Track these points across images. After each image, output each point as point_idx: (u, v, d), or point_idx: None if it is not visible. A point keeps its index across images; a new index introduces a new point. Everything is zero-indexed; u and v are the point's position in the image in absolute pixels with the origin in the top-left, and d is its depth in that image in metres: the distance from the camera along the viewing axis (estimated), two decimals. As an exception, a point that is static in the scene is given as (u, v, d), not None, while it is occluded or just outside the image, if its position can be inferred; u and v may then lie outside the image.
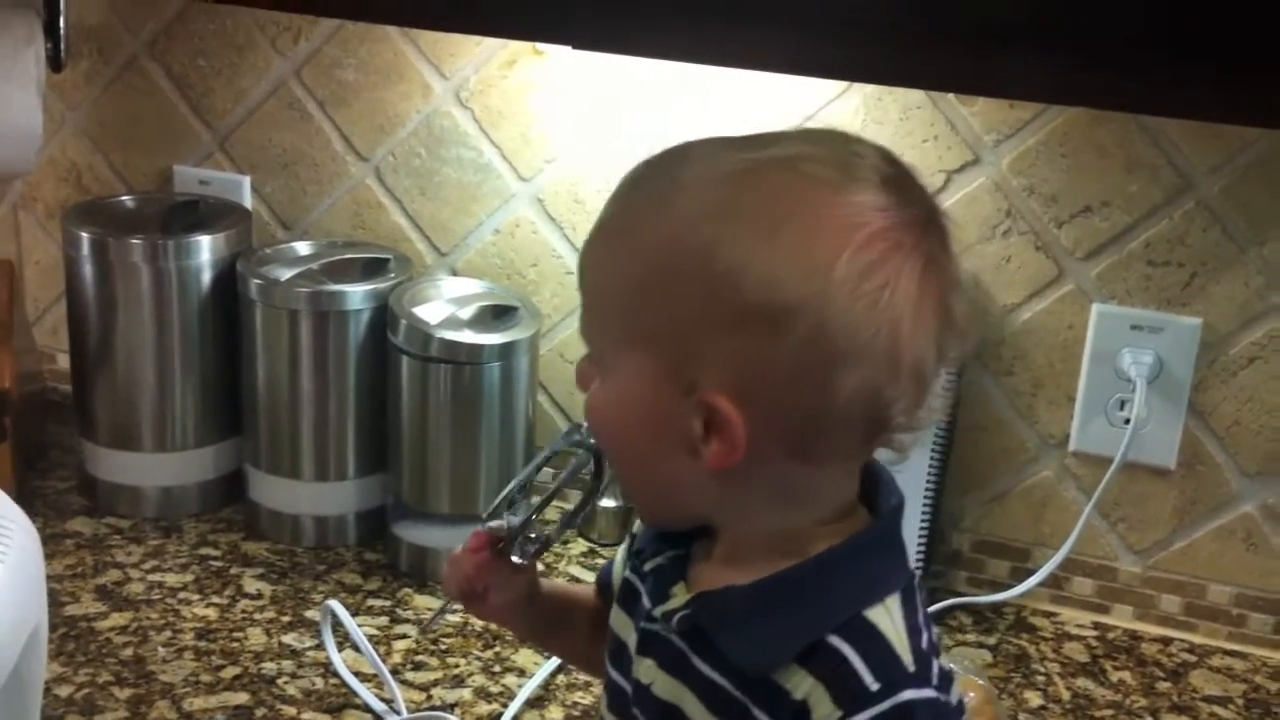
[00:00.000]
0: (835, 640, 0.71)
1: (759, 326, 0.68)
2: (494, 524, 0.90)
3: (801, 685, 0.71)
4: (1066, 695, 1.20)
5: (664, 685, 0.77)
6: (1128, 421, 1.26)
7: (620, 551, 0.89)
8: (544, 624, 0.93)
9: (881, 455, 0.77)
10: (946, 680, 0.74)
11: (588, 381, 0.78)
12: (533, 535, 0.89)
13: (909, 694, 0.70)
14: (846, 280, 0.68)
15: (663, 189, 0.73)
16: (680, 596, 0.78)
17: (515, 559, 0.88)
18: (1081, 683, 1.22)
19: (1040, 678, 1.23)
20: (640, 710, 0.79)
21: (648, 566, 0.80)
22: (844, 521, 0.76)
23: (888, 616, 0.72)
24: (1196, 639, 1.29)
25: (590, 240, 0.76)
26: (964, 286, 0.73)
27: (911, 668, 0.71)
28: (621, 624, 0.83)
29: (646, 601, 0.80)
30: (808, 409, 0.70)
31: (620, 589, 0.84)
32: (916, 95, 1.26)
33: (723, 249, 0.69)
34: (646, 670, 0.78)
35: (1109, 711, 1.19)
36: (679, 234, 0.70)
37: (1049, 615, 1.32)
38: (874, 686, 0.70)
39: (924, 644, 0.73)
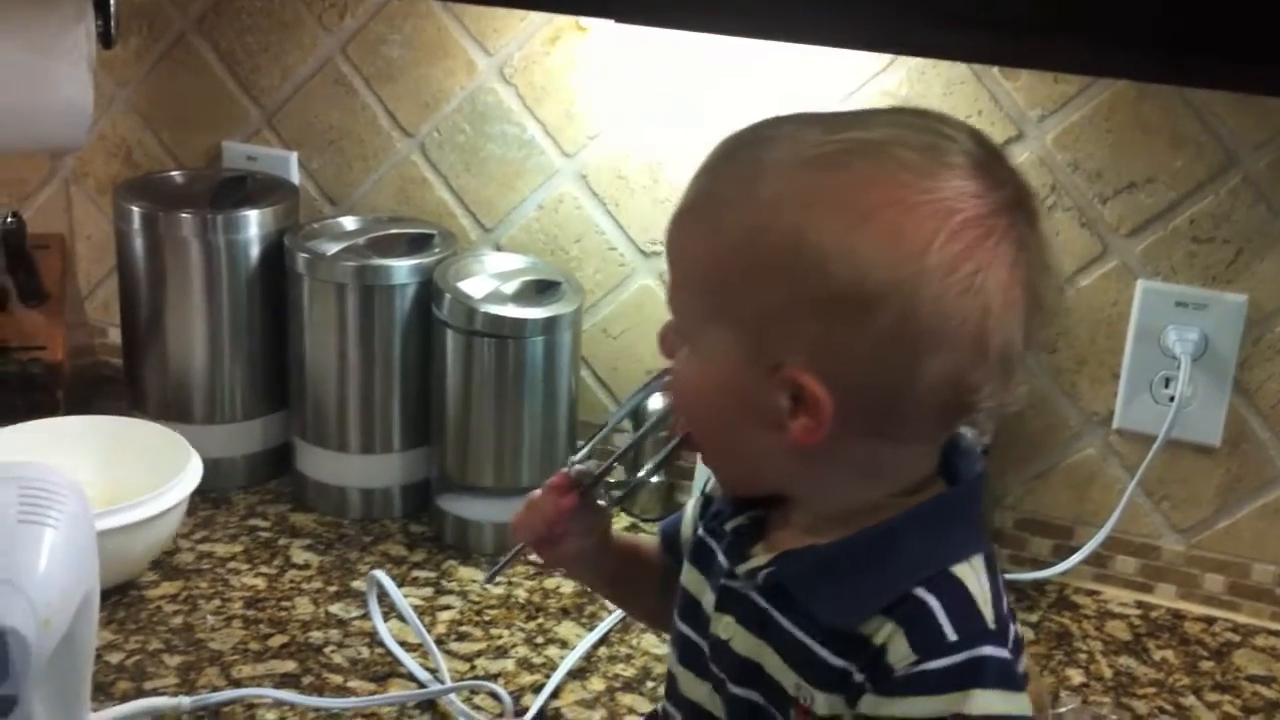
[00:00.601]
0: (921, 592, 0.72)
1: (847, 311, 0.69)
2: (580, 467, 0.91)
3: (882, 631, 0.72)
4: (1109, 673, 1.20)
5: (744, 642, 0.79)
6: (1172, 399, 1.25)
7: (688, 508, 0.90)
8: (611, 574, 0.94)
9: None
10: (1019, 646, 0.75)
11: (671, 349, 0.78)
12: (616, 480, 0.90)
13: (987, 650, 0.71)
14: (938, 268, 0.68)
15: (748, 172, 0.73)
16: (762, 555, 0.79)
17: (600, 502, 0.90)
18: (1124, 661, 1.22)
19: (1082, 655, 1.22)
20: (718, 666, 0.81)
21: (729, 526, 0.81)
22: (923, 493, 0.76)
23: (974, 574, 0.73)
24: (1240, 618, 1.29)
25: (677, 217, 0.76)
26: (1052, 268, 0.73)
27: (993, 625, 0.72)
28: (695, 582, 0.84)
29: (723, 560, 0.81)
30: (891, 391, 0.71)
31: (694, 548, 0.85)
32: (960, 70, 1.26)
33: (812, 235, 0.69)
34: (726, 627, 0.80)
35: (1151, 690, 1.18)
36: (767, 220, 0.71)
37: (1091, 593, 1.31)
38: (952, 637, 0.71)
39: (1005, 607, 0.74)
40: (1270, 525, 1.27)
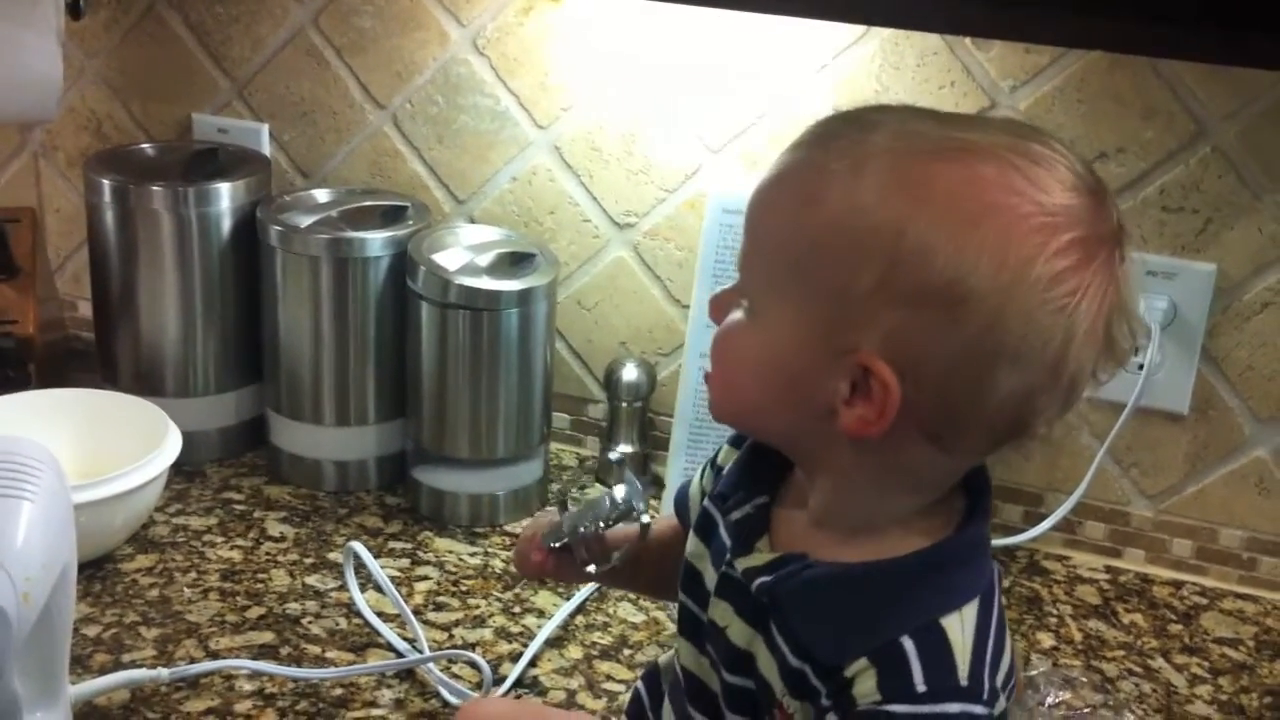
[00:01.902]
0: (904, 639, 0.71)
1: (939, 308, 0.68)
2: (551, 518, 0.93)
3: (855, 665, 0.72)
4: (1079, 637, 1.22)
5: (739, 632, 0.78)
6: (1141, 367, 1.26)
7: (697, 475, 0.89)
8: (633, 576, 0.95)
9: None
10: (1005, 683, 0.74)
11: (724, 312, 0.77)
12: (582, 532, 0.91)
13: (953, 707, 0.70)
14: (1038, 282, 0.67)
15: (856, 152, 0.71)
16: (764, 554, 0.78)
17: (590, 569, 0.91)
18: (1093, 624, 1.24)
19: (1053, 619, 1.24)
20: (714, 649, 0.80)
21: (733, 515, 0.80)
22: (941, 509, 0.76)
23: (960, 626, 0.72)
24: (1208, 582, 1.31)
25: (768, 185, 0.75)
26: (1133, 314, 0.72)
27: (964, 681, 0.71)
28: (697, 553, 0.83)
29: (726, 539, 0.80)
30: (962, 397, 0.70)
31: (699, 517, 0.84)
32: (933, 40, 1.26)
33: (919, 226, 0.68)
34: (722, 614, 0.79)
35: (1120, 653, 1.20)
36: (873, 202, 0.69)
37: (1061, 559, 1.33)
38: (921, 688, 0.70)
39: (987, 655, 0.72)
40: (1237, 491, 1.29)
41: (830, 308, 0.70)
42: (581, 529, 0.91)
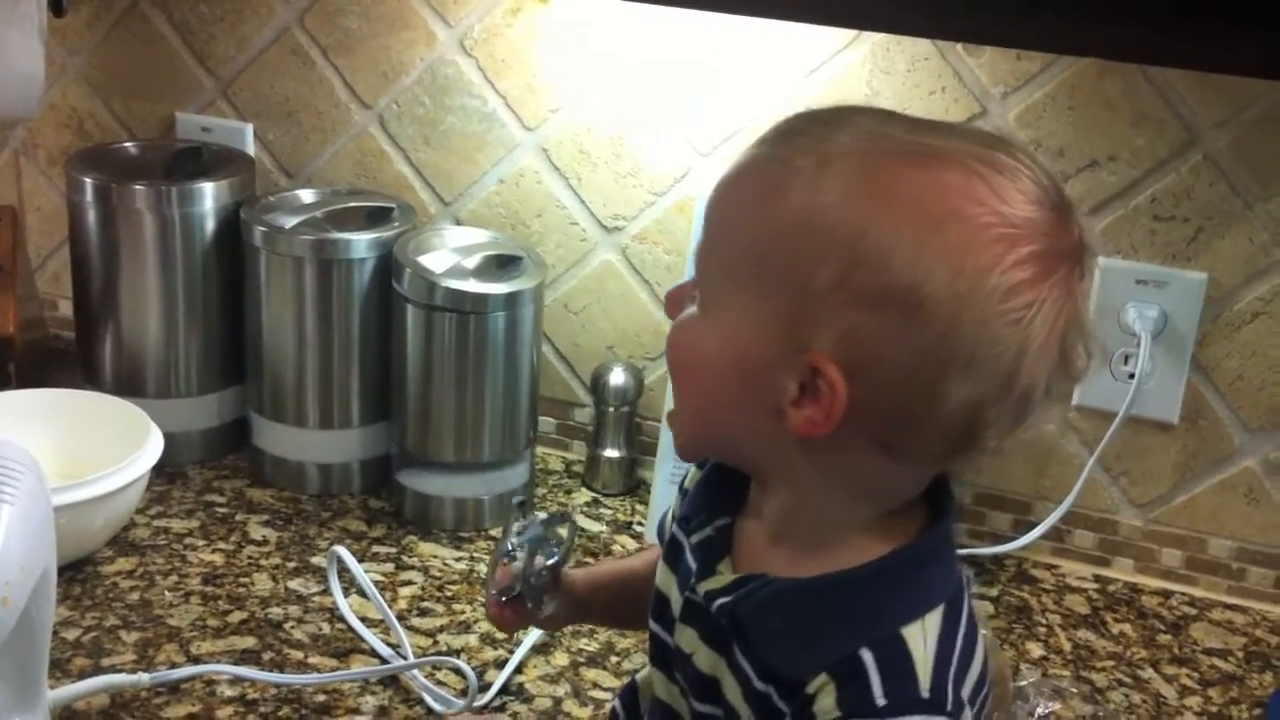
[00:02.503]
0: (863, 651, 0.70)
1: (894, 311, 0.67)
2: (508, 569, 0.94)
3: (816, 680, 0.71)
4: (1068, 646, 1.21)
5: (705, 658, 0.77)
6: (1132, 376, 1.26)
7: (673, 501, 0.88)
8: (606, 614, 0.97)
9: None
10: (975, 692, 0.73)
11: (679, 308, 0.76)
12: (532, 582, 0.93)
13: (915, 719, 0.69)
14: (995, 292, 0.66)
15: (822, 149, 0.70)
16: (725, 576, 0.77)
17: (541, 611, 0.93)
18: (1083, 634, 1.23)
19: (1042, 629, 1.23)
20: (682, 675, 0.79)
21: (695, 539, 0.80)
22: (901, 519, 0.75)
23: (921, 636, 0.71)
24: (1197, 592, 1.30)
25: (730, 179, 0.74)
26: (1088, 332, 0.71)
27: (926, 694, 0.70)
28: (665, 580, 0.82)
29: (692, 564, 0.79)
30: (912, 404, 0.69)
31: (667, 544, 0.84)
32: (924, 46, 1.26)
33: (880, 227, 0.67)
34: (688, 640, 0.78)
35: (1110, 663, 1.19)
36: (835, 201, 0.68)
37: (1050, 568, 1.33)
38: (881, 702, 0.69)
39: (952, 666, 0.71)
40: (1226, 501, 1.29)
41: (785, 304, 0.70)
42: (530, 577, 0.92)
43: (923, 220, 0.67)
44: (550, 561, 0.92)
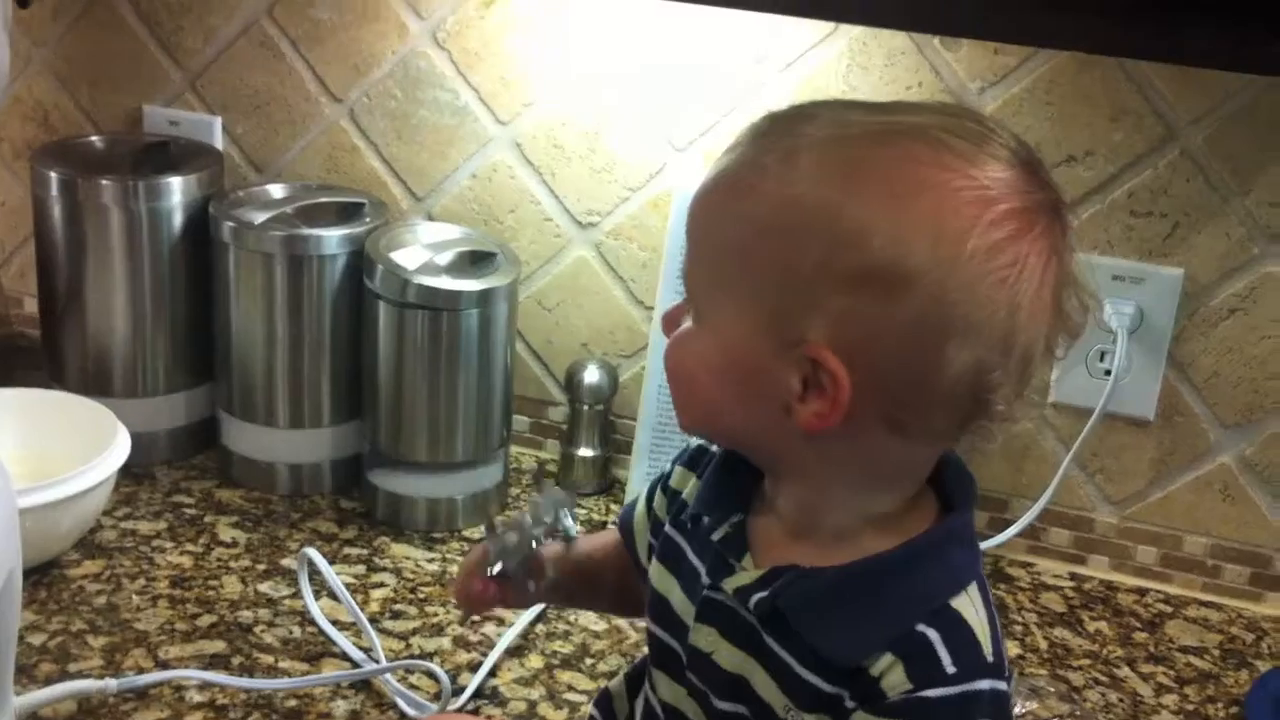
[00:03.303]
0: (923, 627, 0.71)
1: (880, 288, 0.67)
2: (489, 546, 0.90)
3: (880, 663, 0.71)
4: (1044, 645, 1.21)
5: (729, 656, 0.76)
6: (1108, 373, 1.26)
7: (643, 498, 0.88)
8: (572, 593, 0.94)
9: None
10: (1010, 669, 0.74)
11: (674, 326, 0.76)
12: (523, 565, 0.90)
13: (984, 684, 0.70)
14: (976, 254, 0.67)
15: (790, 144, 0.71)
16: (751, 572, 0.76)
17: (530, 586, 0.90)
18: (1059, 633, 1.23)
19: (1018, 627, 1.23)
20: (699, 677, 0.79)
21: (716, 536, 0.79)
22: (916, 505, 0.75)
23: (972, 606, 0.72)
24: (1172, 590, 1.30)
25: (706, 189, 0.74)
26: (1081, 284, 0.71)
27: (991, 658, 0.71)
28: (664, 582, 0.81)
29: (702, 568, 0.78)
30: (914, 378, 0.69)
31: (661, 544, 0.83)
32: (901, 40, 1.25)
33: (853, 207, 0.67)
34: (708, 640, 0.77)
35: (1086, 661, 1.19)
36: (806, 189, 0.69)
37: (1026, 566, 1.32)
38: (951, 669, 0.70)
39: (999, 635, 0.73)
40: (1202, 498, 1.28)
41: (773, 299, 0.70)
42: (515, 549, 0.90)
43: (895, 194, 0.67)
44: (566, 536, 0.90)
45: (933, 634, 0.70)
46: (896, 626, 0.71)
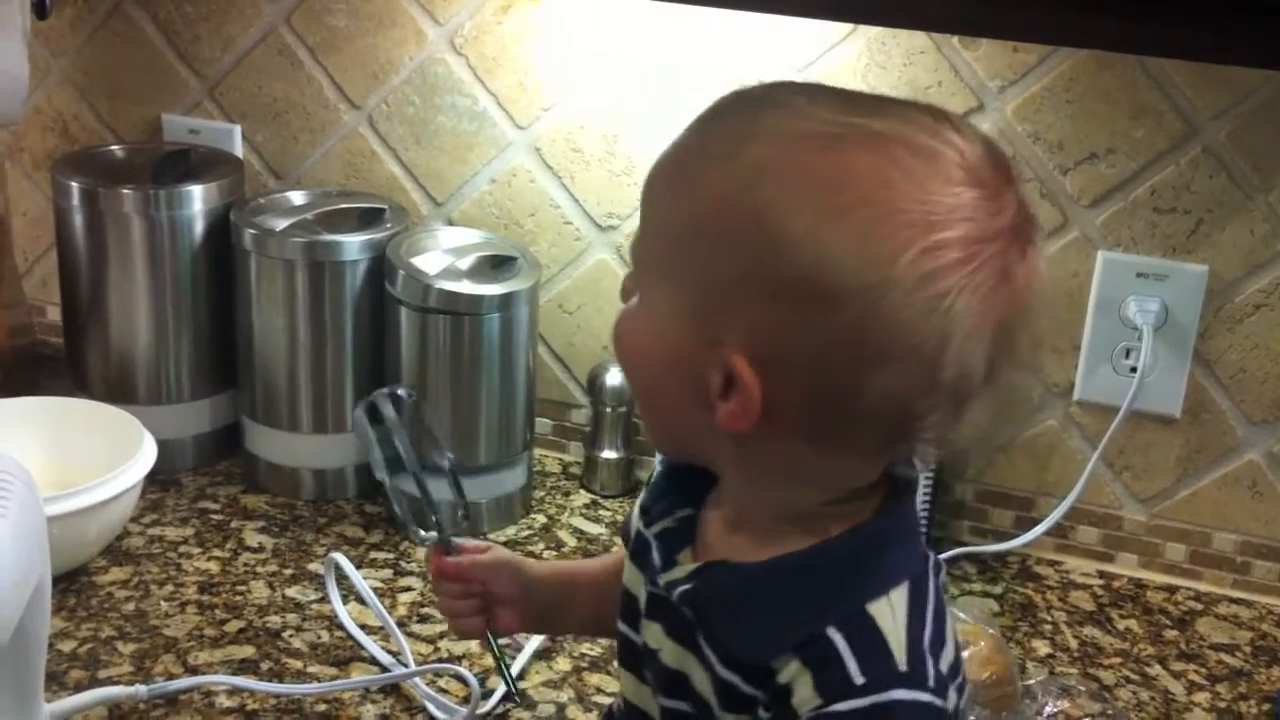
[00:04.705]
0: (832, 632, 0.68)
1: (800, 303, 0.64)
2: (426, 535, 0.93)
3: (788, 669, 0.69)
4: (1074, 644, 1.20)
5: (671, 653, 0.75)
6: (1133, 370, 1.25)
7: (637, 504, 0.86)
8: (547, 609, 0.93)
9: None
10: (952, 675, 0.70)
11: (627, 296, 0.74)
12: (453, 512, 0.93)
13: (897, 694, 0.67)
14: (903, 281, 0.63)
15: (739, 133, 0.68)
16: (685, 565, 0.75)
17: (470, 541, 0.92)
18: (1089, 631, 1.22)
19: (1047, 626, 1.22)
20: (650, 672, 0.78)
21: (655, 529, 0.78)
22: (859, 502, 0.73)
23: (889, 611, 0.69)
24: (1202, 587, 1.29)
25: (660, 162, 0.72)
26: (1039, 311, 0.67)
27: (903, 667, 0.68)
28: (634, 580, 0.80)
29: (657, 558, 0.77)
30: (829, 398, 0.66)
31: (634, 543, 0.82)
32: (920, 40, 1.25)
33: (781, 215, 0.65)
34: (654, 635, 0.77)
35: (1117, 660, 1.19)
36: (741, 188, 0.66)
37: (1054, 564, 1.32)
38: (859, 680, 0.67)
39: (925, 640, 0.69)
40: (1230, 494, 1.28)
41: (698, 296, 0.68)
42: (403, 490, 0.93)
43: (826, 208, 0.64)
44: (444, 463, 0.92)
45: (840, 640, 0.68)
46: (802, 628, 0.68)
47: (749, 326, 0.66)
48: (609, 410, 1.36)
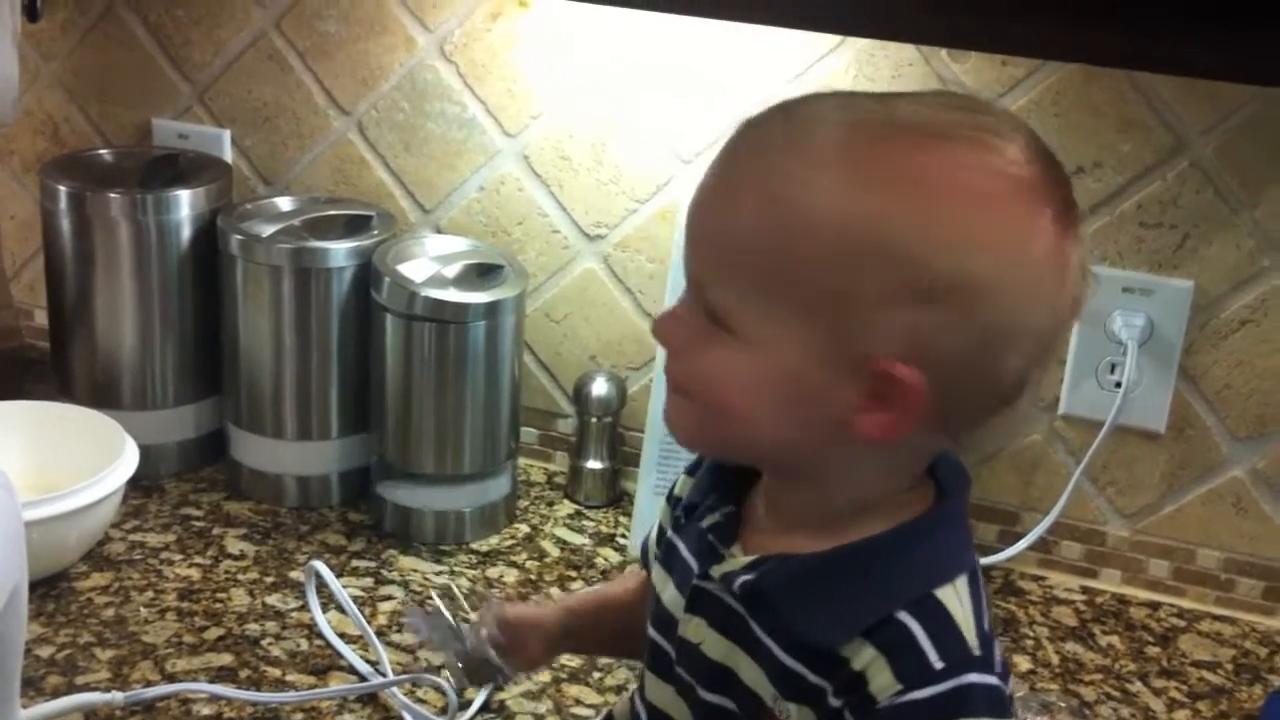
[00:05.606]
0: (904, 616, 0.69)
1: (948, 300, 0.65)
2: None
3: (862, 656, 0.69)
4: (1055, 659, 1.20)
5: (715, 646, 0.76)
6: (1118, 385, 1.25)
7: (656, 520, 0.86)
8: (590, 642, 0.95)
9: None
10: (1006, 669, 0.72)
11: (682, 332, 0.72)
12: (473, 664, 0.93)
13: (973, 677, 0.68)
14: (1036, 257, 0.67)
15: (812, 147, 0.68)
16: (739, 558, 0.75)
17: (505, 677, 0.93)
18: (1070, 647, 1.22)
19: (1029, 642, 1.22)
20: (686, 670, 0.78)
21: (705, 523, 0.78)
22: (915, 493, 0.74)
23: (956, 598, 0.70)
24: (1185, 603, 1.29)
25: (710, 195, 0.70)
26: (1090, 269, 0.71)
27: (977, 651, 0.69)
28: (661, 581, 0.81)
29: (690, 559, 0.78)
30: (977, 384, 0.68)
31: (662, 551, 0.82)
32: (909, 52, 1.25)
33: (910, 219, 0.65)
34: (696, 630, 0.77)
35: (1098, 676, 1.18)
36: (851, 204, 0.65)
37: (1037, 579, 1.31)
38: (938, 665, 0.68)
39: (987, 629, 0.71)
40: (1214, 510, 1.27)
41: (834, 319, 0.67)
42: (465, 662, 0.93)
43: (952, 203, 0.66)
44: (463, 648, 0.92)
45: (914, 624, 0.69)
46: (876, 611, 0.69)
47: (901, 334, 0.66)
48: (594, 420, 1.36)
